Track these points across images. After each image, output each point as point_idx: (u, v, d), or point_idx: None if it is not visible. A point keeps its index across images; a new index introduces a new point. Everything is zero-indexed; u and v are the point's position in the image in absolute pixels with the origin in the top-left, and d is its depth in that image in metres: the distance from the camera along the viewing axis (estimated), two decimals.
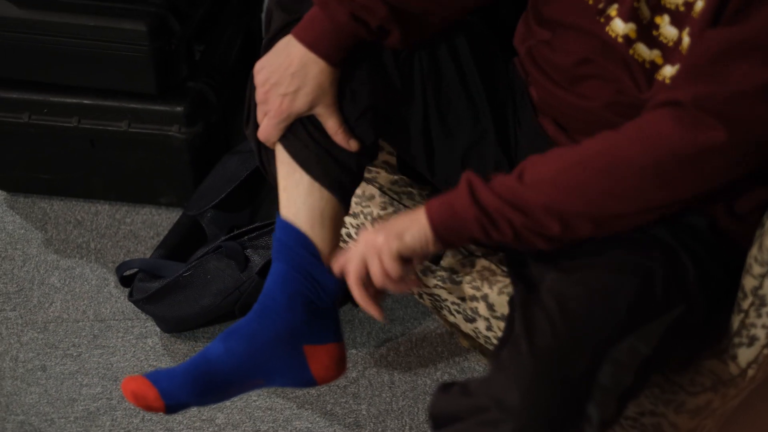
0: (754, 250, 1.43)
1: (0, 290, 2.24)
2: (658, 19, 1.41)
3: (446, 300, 1.75)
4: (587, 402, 1.30)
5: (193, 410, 2.01)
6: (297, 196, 1.56)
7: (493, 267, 1.69)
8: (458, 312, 1.75)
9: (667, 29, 1.40)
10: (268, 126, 1.55)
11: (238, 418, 2.00)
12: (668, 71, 1.41)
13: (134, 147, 2.31)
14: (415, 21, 1.54)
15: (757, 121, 1.31)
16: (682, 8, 1.37)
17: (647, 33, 1.42)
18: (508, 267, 1.57)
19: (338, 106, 1.55)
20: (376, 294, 1.50)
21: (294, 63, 1.50)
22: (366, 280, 1.48)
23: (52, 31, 2.21)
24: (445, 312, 1.83)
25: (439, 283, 1.77)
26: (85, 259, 2.31)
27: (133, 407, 2.01)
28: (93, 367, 2.09)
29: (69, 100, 2.28)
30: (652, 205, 1.37)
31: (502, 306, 1.67)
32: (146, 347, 2.13)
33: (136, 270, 2.19)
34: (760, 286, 1.43)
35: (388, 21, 1.50)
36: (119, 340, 2.15)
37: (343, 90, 1.54)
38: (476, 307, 1.72)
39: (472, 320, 1.74)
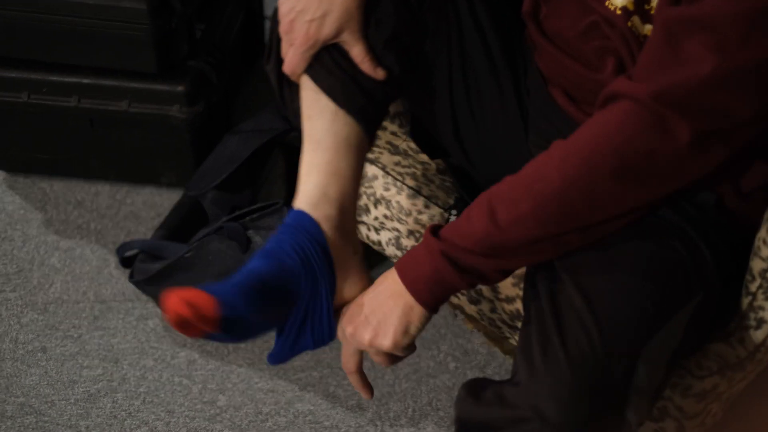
0: (762, 232, 1.41)
1: (0, 271, 2.23)
2: None
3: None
4: (626, 407, 1.30)
5: (194, 392, 2.00)
6: (321, 123, 1.52)
7: None
8: (462, 293, 1.74)
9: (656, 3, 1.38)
10: (294, 56, 1.52)
11: (239, 400, 1.98)
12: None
13: (134, 127, 2.29)
14: None
15: (719, 109, 1.28)
16: None
17: (641, 6, 1.40)
18: None
19: (364, 34, 1.52)
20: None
21: None
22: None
23: (52, 9, 2.19)
24: None
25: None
26: (85, 239, 2.30)
27: (134, 389, 2.00)
28: (93, 349, 2.08)
29: (68, 80, 2.26)
30: (637, 204, 1.35)
31: (507, 288, 1.66)
32: (147, 329, 2.12)
33: (136, 251, 2.17)
34: None
35: None
36: (120, 321, 2.13)
37: (368, 18, 1.51)
38: (480, 289, 1.70)
39: (476, 302, 1.73)
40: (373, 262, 2.01)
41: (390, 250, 1.85)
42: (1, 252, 2.26)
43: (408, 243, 1.81)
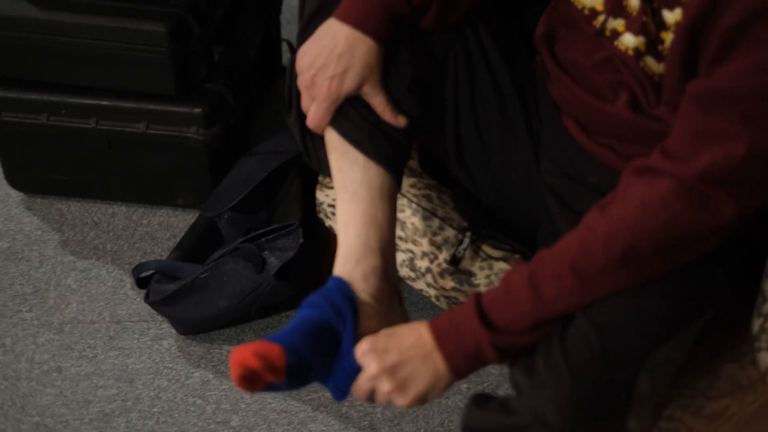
0: None
1: (16, 291, 2.24)
2: (663, 35, 1.39)
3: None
4: (627, 414, 1.30)
5: (208, 412, 2.00)
6: (353, 175, 1.55)
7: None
8: None
9: (666, 15, 1.38)
10: (317, 111, 1.54)
11: (252, 420, 1.99)
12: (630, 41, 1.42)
13: (152, 148, 2.30)
14: None
15: (761, 181, 1.31)
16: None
17: (654, 48, 1.41)
18: None
19: (384, 84, 1.54)
20: None
21: (340, 44, 1.50)
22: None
23: (71, 32, 2.21)
24: None
25: (457, 285, 1.75)
26: (101, 260, 2.31)
27: (148, 409, 2.00)
28: (108, 369, 2.09)
29: (87, 101, 2.28)
30: (677, 267, 1.37)
31: None
32: (162, 349, 2.12)
33: (152, 271, 2.18)
34: None
35: None
36: (135, 341, 2.14)
37: (387, 67, 1.54)
38: None
39: None
40: None
41: (404, 272, 1.85)
42: (18, 272, 2.28)
43: (422, 264, 1.81)
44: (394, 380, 1.43)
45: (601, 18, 1.45)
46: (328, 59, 1.50)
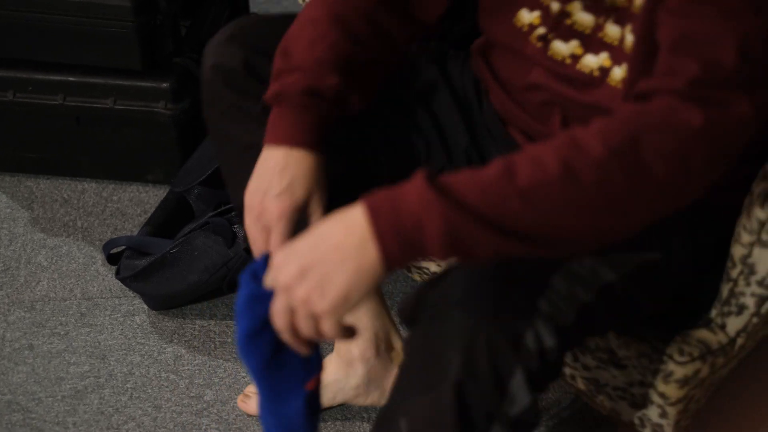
0: (743, 219, 1.42)
1: None
2: (600, 20, 1.35)
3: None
4: (538, 297, 1.27)
5: (181, 387, 2.00)
6: None
7: None
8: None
9: (611, 29, 1.34)
10: (277, 239, 1.40)
11: (226, 394, 1.98)
12: (618, 74, 1.34)
13: (120, 124, 2.29)
14: (367, 76, 1.47)
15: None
16: (625, 3, 1.32)
17: (592, 41, 1.36)
18: None
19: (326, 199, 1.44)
20: None
21: (279, 162, 1.41)
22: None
23: (36, 7, 2.20)
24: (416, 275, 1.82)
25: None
26: (72, 237, 2.30)
27: (121, 385, 2.00)
28: (80, 346, 2.08)
29: (54, 78, 2.26)
30: (665, 208, 1.21)
31: None
32: (134, 325, 2.12)
33: (123, 248, 2.17)
34: (749, 255, 1.41)
35: (341, 87, 1.42)
36: (107, 318, 2.13)
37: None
38: None
39: None
40: None
41: None
42: None
43: None
44: (307, 283, 1.16)
45: (530, 31, 1.41)
46: (271, 179, 1.40)
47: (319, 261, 1.16)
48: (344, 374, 1.85)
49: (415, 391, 1.25)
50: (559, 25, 1.38)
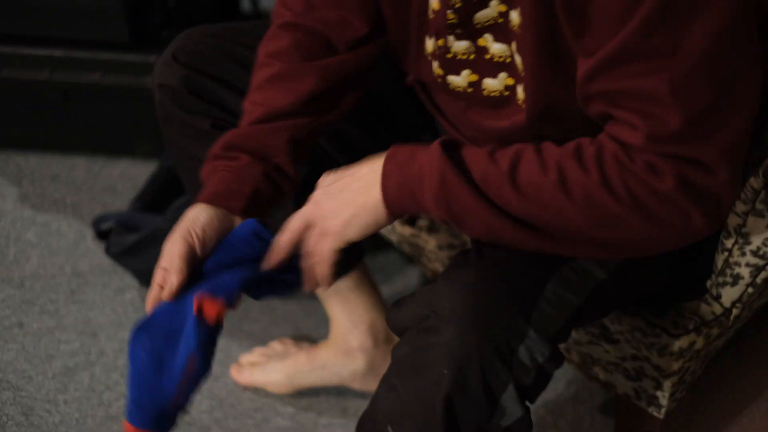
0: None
1: None
2: (481, 42, 1.30)
3: (424, 248, 1.72)
4: (531, 309, 1.25)
5: None
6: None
7: None
8: (436, 260, 1.72)
9: (495, 47, 1.30)
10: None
11: (218, 370, 1.96)
12: (521, 92, 1.30)
13: (109, 98, 2.27)
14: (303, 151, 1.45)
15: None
16: (500, 20, 1.27)
17: (481, 64, 1.32)
18: None
19: None
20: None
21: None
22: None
23: None
24: (424, 260, 1.80)
25: (416, 231, 1.74)
26: (61, 213, 2.28)
27: (112, 362, 1.98)
28: (71, 323, 2.06)
29: (40, 52, 2.24)
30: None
31: None
32: (124, 301, 2.10)
33: (112, 223, 2.15)
34: (744, 224, 1.40)
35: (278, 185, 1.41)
36: (97, 294, 2.11)
37: None
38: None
39: None
40: None
41: None
42: None
43: None
44: (332, 202, 1.30)
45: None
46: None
47: (344, 187, 1.28)
48: (341, 361, 1.84)
49: (403, 401, 1.24)
50: (446, 61, 1.35)
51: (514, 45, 1.27)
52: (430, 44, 1.35)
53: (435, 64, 1.37)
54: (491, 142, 1.27)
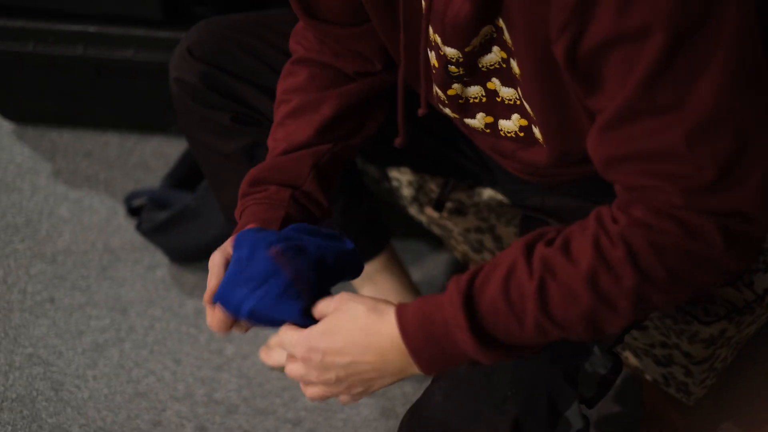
0: None
1: (9, 222, 2.22)
2: (490, 85, 1.27)
3: (452, 231, 1.71)
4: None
5: (201, 342, 1.99)
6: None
7: (500, 197, 1.65)
8: (465, 242, 1.71)
9: (504, 91, 1.26)
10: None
11: (247, 349, 1.97)
12: (537, 132, 1.27)
13: (141, 75, 2.26)
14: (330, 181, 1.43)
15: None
16: (503, 65, 1.22)
17: (494, 106, 1.29)
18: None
19: None
20: None
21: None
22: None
23: None
24: (453, 242, 1.79)
25: (443, 214, 1.72)
26: (94, 189, 2.28)
27: (141, 339, 1.99)
28: (101, 299, 2.07)
29: (74, 28, 2.23)
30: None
31: (510, 237, 1.63)
32: (155, 278, 2.10)
33: (145, 200, 2.16)
34: None
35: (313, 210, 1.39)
36: (128, 271, 2.12)
37: None
38: (481, 239, 1.68)
39: (478, 251, 1.70)
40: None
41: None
42: (10, 203, 2.25)
43: (407, 192, 1.78)
44: (342, 388, 1.21)
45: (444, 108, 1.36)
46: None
47: (358, 377, 1.18)
48: None
49: (462, 417, 1.22)
50: (458, 105, 1.32)
51: (519, 91, 1.23)
52: (440, 93, 1.32)
53: (448, 110, 1.35)
54: (529, 171, 1.28)
